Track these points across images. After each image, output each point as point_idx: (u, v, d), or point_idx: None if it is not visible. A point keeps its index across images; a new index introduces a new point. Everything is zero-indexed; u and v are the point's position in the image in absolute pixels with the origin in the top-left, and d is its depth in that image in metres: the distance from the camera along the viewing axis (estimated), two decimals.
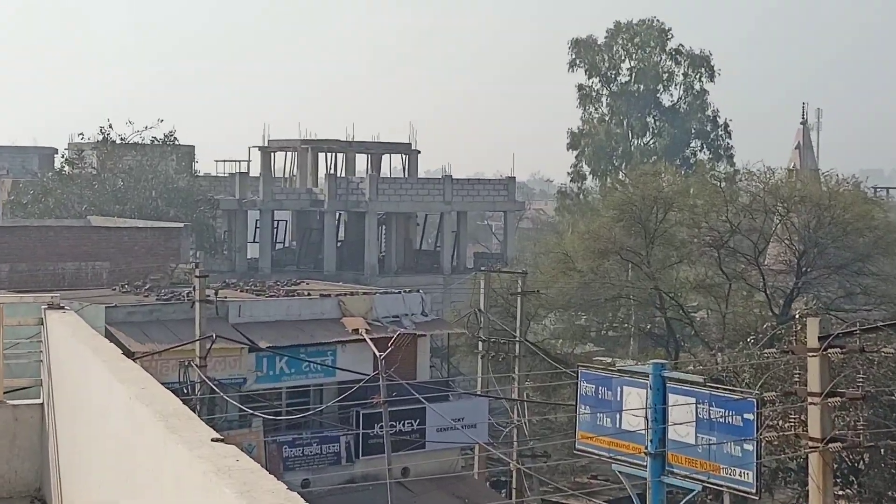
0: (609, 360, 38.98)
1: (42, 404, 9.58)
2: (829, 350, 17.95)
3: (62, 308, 9.56)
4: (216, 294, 34.12)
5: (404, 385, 31.91)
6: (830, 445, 17.93)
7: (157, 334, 32.41)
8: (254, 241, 63.62)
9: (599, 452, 25.44)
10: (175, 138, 62.90)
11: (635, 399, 24.02)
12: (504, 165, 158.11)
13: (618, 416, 24.63)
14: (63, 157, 66.05)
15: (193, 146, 68.79)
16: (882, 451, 28.62)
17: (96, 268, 42.29)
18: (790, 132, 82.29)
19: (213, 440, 5.02)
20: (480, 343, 40.04)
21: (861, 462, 31.19)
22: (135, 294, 36.88)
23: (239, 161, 69.03)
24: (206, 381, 29.29)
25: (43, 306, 9.67)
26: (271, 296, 38.26)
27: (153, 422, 5.47)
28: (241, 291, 39.24)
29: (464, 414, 36.61)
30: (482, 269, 48.84)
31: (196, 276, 31.86)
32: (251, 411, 31.49)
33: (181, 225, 47.02)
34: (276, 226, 65.60)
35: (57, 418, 8.76)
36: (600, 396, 25.22)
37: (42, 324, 9.58)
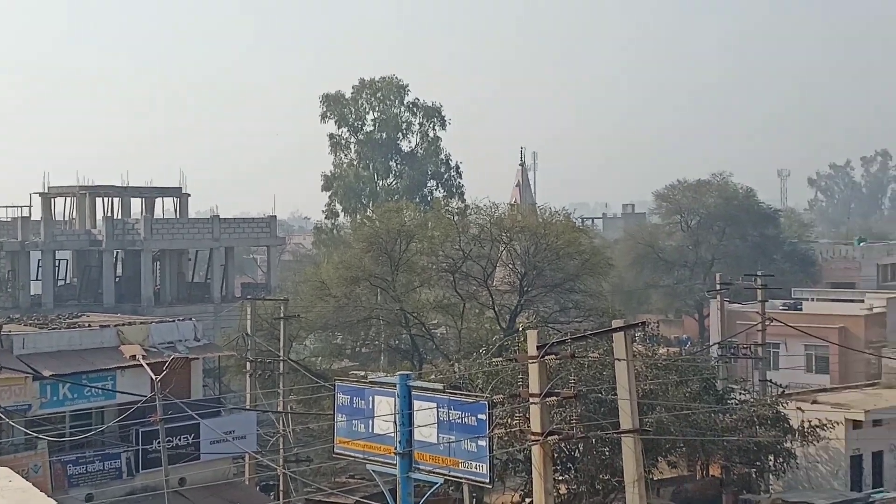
0: (362, 373, 39.17)
1: None
2: (546, 357, 18.45)
3: None
4: (0, 328, 32.60)
5: (179, 404, 31.20)
6: (549, 438, 18.38)
7: None
8: (36, 279, 60.81)
9: (355, 455, 25.32)
10: None
11: (385, 406, 24.06)
12: (266, 205, 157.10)
13: (370, 422, 24.63)
14: None
15: None
16: (593, 441, 29.62)
17: None
18: (512, 172, 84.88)
19: None
20: (248, 363, 39.56)
21: (577, 451, 32.16)
22: None
23: (20, 206, 65.94)
24: None
25: None
26: (54, 328, 36.71)
27: None
28: (24, 325, 37.50)
29: (234, 427, 36.06)
30: (248, 297, 48.23)
31: None
32: (35, 434, 30.14)
33: None
34: (57, 264, 62.90)
35: None
36: (355, 405, 25.13)
37: None
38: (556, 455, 30.47)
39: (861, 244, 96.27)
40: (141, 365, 32.56)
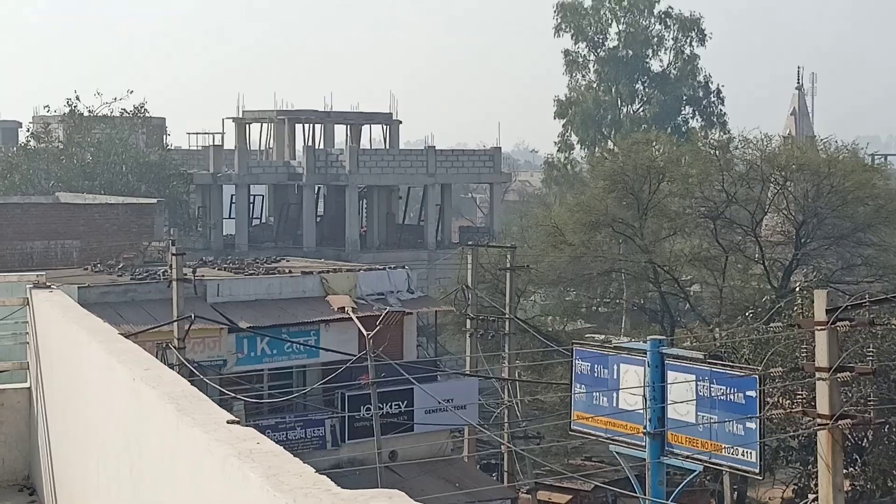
0: (602, 336, 39.14)
1: (29, 388, 9.49)
2: (838, 323, 17.97)
3: (49, 287, 9.46)
4: (193, 272, 34.03)
5: (393, 365, 31.94)
6: (840, 422, 17.93)
7: (133, 316, 32.25)
8: (229, 217, 63.35)
9: (596, 433, 25.49)
10: (146, 110, 62.68)
11: (633, 377, 24.07)
12: (488, 135, 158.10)
13: (615, 394, 24.66)
14: (28, 130, 65.71)
15: (164, 118, 68.69)
16: (888, 427, 28.79)
17: (66, 246, 42.08)
18: (785, 98, 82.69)
19: (228, 422, 4.97)
20: (469, 321, 40.07)
21: (865, 440, 31.37)
22: (108, 273, 36.71)
23: (213, 133, 68.73)
24: (185, 363, 29.24)
25: (28, 286, 9.57)
26: (250, 274, 38.11)
27: (162, 404, 5.42)
28: (218, 269, 39.09)
29: (453, 395, 36.65)
30: (468, 243, 48.81)
31: (172, 254, 31.72)
32: (232, 394, 31.42)
33: (154, 201, 46.84)
34: (252, 200, 65.33)
35: (47, 403, 8.67)
36: (596, 374, 25.26)
37: (27, 304, 9.47)
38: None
39: None
40: (350, 318, 33.44)
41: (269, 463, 4.32)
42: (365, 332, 30.79)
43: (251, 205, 65.00)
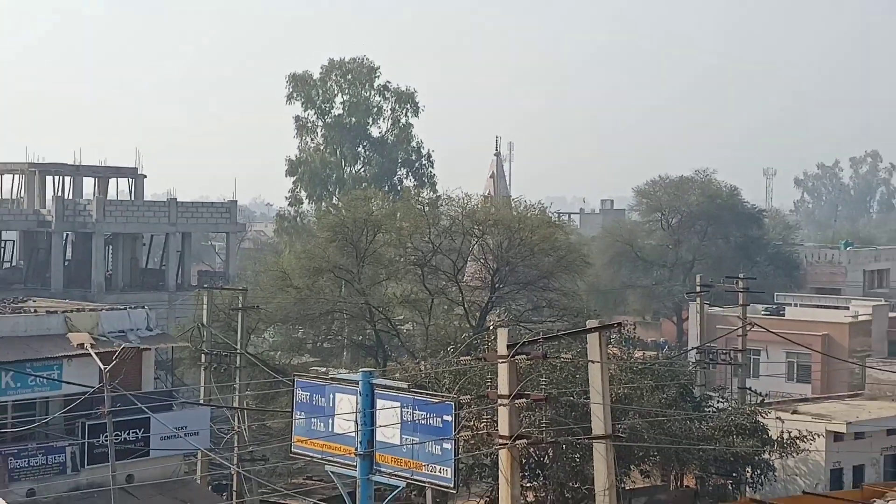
0: (323, 369, 39.21)
1: None
2: (517, 357, 18.51)
3: None
4: None
5: (128, 396, 31.12)
6: (517, 442, 18.47)
7: None
8: None
9: (313, 455, 25.40)
10: None
11: (346, 404, 24.12)
12: (227, 190, 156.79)
13: (330, 420, 24.67)
14: None
15: None
16: (564, 446, 29.75)
17: None
18: (486, 162, 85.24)
19: None
20: (203, 355, 39.51)
21: (546, 457, 32.32)
22: None
23: None
24: None
25: None
26: None
27: None
28: None
29: (187, 422, 35.90)
30: (205, 286, 48.17)
31: None
32: None
33: None
34: (2, 246, 62.65)
35: None
36: (314, 403, 25.19)
37: None
38: (524, 460, 30.55)
39: (847, 248, 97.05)
40: (89, 354, 32.40)
41: None
42: (102, 366, 29.95)
43: (2, 249, 62.28)
